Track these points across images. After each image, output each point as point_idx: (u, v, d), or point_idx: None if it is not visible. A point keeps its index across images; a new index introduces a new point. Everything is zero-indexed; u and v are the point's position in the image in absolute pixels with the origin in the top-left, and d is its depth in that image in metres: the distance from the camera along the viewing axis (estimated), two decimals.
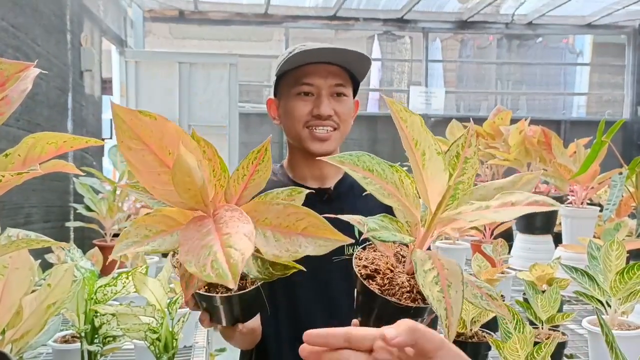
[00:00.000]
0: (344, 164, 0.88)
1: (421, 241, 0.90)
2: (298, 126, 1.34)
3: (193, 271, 0.70)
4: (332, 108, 1.33)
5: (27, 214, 2.64)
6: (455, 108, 8.54)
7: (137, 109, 0.76)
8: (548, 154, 2.89)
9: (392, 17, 6.69)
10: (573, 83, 8.81)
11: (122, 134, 0.75)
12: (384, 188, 0.88)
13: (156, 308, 1.32)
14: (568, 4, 6.03)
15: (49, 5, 2.91)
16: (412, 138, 0.85)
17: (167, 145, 0.77)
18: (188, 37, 9.38)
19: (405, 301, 0.88)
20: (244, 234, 0.73)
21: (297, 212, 0.84)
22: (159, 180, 0.79)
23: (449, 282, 0.81)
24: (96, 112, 4.03)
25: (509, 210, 0.79)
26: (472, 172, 0.88)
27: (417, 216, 0.90)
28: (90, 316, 1.33)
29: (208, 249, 0.71)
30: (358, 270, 0.93)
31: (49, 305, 1.08)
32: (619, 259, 1.43)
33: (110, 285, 1.32)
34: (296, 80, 1.34)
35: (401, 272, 0.93)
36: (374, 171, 0.89)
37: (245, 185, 0.90)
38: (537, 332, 1.71)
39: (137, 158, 0.77)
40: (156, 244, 0.80)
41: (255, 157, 0.89)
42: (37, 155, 0.71)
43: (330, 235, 0.84)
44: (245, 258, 0.69)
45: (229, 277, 0.67)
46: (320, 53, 1.31)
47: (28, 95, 0.72)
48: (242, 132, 5.38)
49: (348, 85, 1.37)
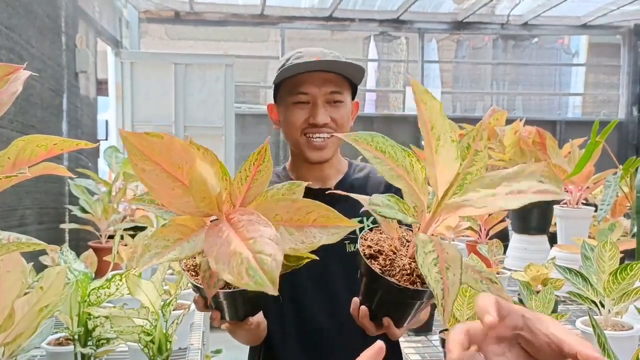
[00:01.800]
0: (358, 142, 0.90)
1: (426, 226, 0.92)
2: (295, 134, 1.37)
3: (229, 279, 0.72)
4: (328, 115, 1.36)
5: (21, 215, 2.64)
6: (451, 108, 8.55)
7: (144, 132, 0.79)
8: (543, 155, 2.89)
9: (388, 18, 6.69)
10: (568, 83, 8.83)
11: (134, 157, 0.79)
12: (394, 170, 0.90)
13: (150, 310, 1.32)
14: (563, 4, 6.04)
15: (43, 7, 2.90)
16: (429, 121, 0.87)
17: (176, 161, 0.81)
18: (184, 38, 9.36)
19: (404, 283, 0.90)
20: (269, 238, 0.75)
21: (306, 206, 0.88)
22: (173, 195, 0.83)
23: (447, 265, 0.83)
24: (91, 113, 4.02)
25: (516, 198, 0.80)
26: (481, 164, 0.90)
27: (424, 201, 0.92)
28: (83, 319, 1.32)
29: (238, 256, 0.74)
30: (362, 250, 0.96)
31: (42, 308, 1.08)
32: (613, 260, 1.43)
33: (104, 288, 1.32)
34: (292, 88, 1.36)
35: (404, 255, 0.96)
36: (386, 152, 0.90)
37: (248, 186, 0.92)
38: None
39: (151, 178, 0.81)
40: (176, 252, 0.84)
41: (256, 159, 0.91)
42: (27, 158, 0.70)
43: (340, 223, 0.88)
44: (278, 264, 0.71)
45: (267, 284, 0.69)
46: (317, 65, 1.33)
47: (22, 97, 0.72)
48: (238, 133, 5.37)
49: (344, 90, 1.38)
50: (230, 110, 5.30)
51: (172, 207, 0.88)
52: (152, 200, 0.96)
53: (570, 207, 2.81)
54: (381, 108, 8.65)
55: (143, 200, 0.95)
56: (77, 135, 3.54)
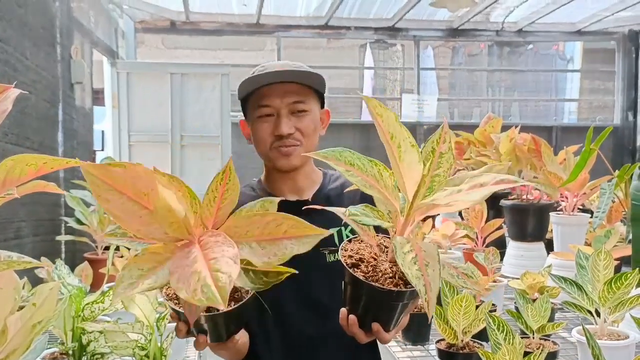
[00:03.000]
0: (327, 158, 0.95)
1: (401, 229, 0.97)
2: (264, 148, 1.38)
3: (184, 296, 0.75)
4: (292, 126, 1.36)
5: (16, 228, 2.63)
6: (448, 115, 8.57)
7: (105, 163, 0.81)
8: (538, 162, 2.90)
9: (384, 26, 6.71)
10: (564, 89, 8.86)
11: (97, 188, 0.80)
12: (365, 180, 0.95)
13: (144, 324, 1.31)
14: (557, 11, 6.07)
15: (37, 18, 2.91)
16: (388, 132, 0.93)
17: (140, 189, 0.82)
18: (180, 47, 9.39)
19: (388, 286, 0.95)
20: (229, 258, 0.78)
21: (275, 219, 0.90)
22: (141, 222, 0.84)
23: (426, 262, 0.88)
24: (87, 123, 4.02)
25: (478, 191, 0.86)
26: (447, 165, 0.95)
27: (397, 206, 0.97)
28: (77, 334, 1.32)
29: (197, 275, 0.76)
30: (344, 260, 1.00)
31: (35, 324, 1.07)
32: (607, 269, 1.43)
33: (98, 302, 1.32)
34: (256, 103, 1.38)
35: (384, 260, 1.01)
36: (355, 165, 0.96)
37: (218, 206, 0.94)
38: (528, 342, 1.71)
39: (117, 207, 0.82)
40: (151, 281, 0.84)
41: (221, 178, 0.93)
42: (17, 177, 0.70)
43: (310, 232, 0.90)
44: (232, 280, 0.74)
45: (218, 299, 0.72)
46: (274, 75, 1.34)
47: (17, 109, 0.72)
48: (234, 142, 5.37)
49: (309, 99, 1.39)
50: (227, 119, 5.31)
51: (141, 235, 0.89)
52: (124, 233, 0.96)
53: (566, 214, 2.81)
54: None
55: (115, 235, 0.96)
56: (73, 146, 3.54)
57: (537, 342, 1.72)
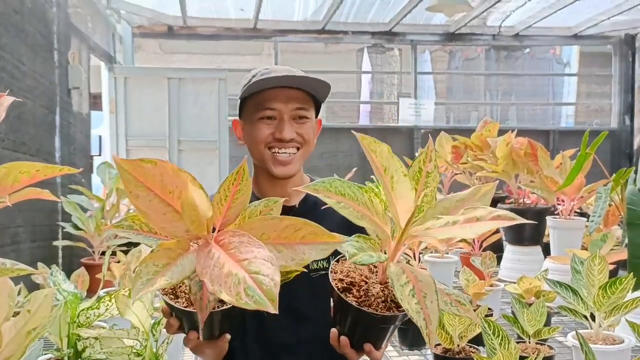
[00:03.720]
0: (318, 191, 0.95)
1: (393, 254, 0.97)
2: (260, 148, 1.38)
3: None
4: (294, 131, 1.37)
5: (13, 234, 2.63)
6: (445, 119, 8.58)
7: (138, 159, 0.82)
8: (535, 166, 2.90)
9: (381, 30, 6.72)
10: (561, 93, 8.88)
11: (129, 184, 0.82)
12: (357, 210, 0.96)
13: (140, 330, 1.31)
14: (554, 15, 6.08)
15: (34, 25, 2.91)
16: (381, 165, 0.94)
17: (167, 185, 0.84)
18: (178, 52, 9.40)
19: (381, 311, 0.96)
20: (264, 259, 0.79)
21: (293, 224, 0.92)
22: (165, 220, 0.86)
23: (424, 293, 0.88)
24: (84, 128, 4.02)
25: (475, 226, 0.86)
26: (433, 184, 0.98)
27: (388, 231, 0.98)
28: (73, 340, 1.31)
29: (234, 277, 0.77)
30: (335, 284, 1.01)
31: (29, 331, 1.07)
32: (602, 274, 1.44)
33: (93, 309, 1.31)
34: (259, 104, 1.37)
35: (375, 283, 1.01)
36: (346, 195, 0.96)
37: (228, 206, 0.94)
38: (524, 346, 1.71)
39: (144, 204, 0.84)
40: (167, 277, 0.85)
41: (234, 178, 0.93)
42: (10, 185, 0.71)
43: (328, 239, 0.91)
44: (277, 283, 0.76)
45: (267, 303, 0.74)
46: (280, 80, 1.34)
47: (13, 115, 0.73)
48: (232, 146, 5.37)
49: (310, 107, 1.41)
50: (224, 124, 5.31)
51: (163, 232, 0.91)
52: (130, 225, 0.97)
53: (562, 218, 2.82)
54: (375, 120, 8.68)
55: (121, 227, 0.96)
56: (70, 152, 3.54)
57: (533, 347, 1.72)
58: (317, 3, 6.06)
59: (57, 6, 3.32)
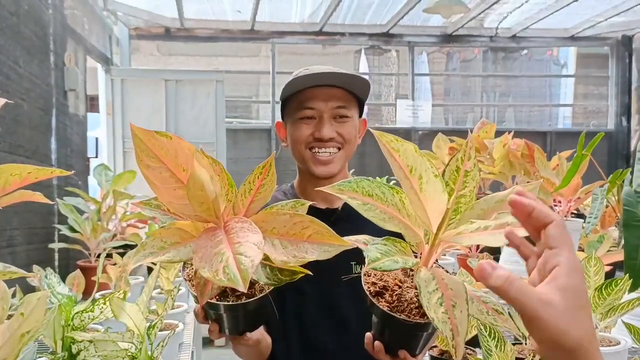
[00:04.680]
0: (343, 192, 0.89)
1: (426, 259, 0.91)
2: (301, 148, 1.37)
3: (207, 276, 0.76)
4: (334, 130, 1.36)
5: (9, 236, 2.62)
6: (442, 121, 8.59)
7: (153, 130, 0.82)
8: (532, 167, 2.90)
9: (378, 32, 6.73)
10: (558, 94, 8.89)
11: (140, 153, 0.82)
12: (385, 212, 0.89)
13: (135, 333, 1.31)
14: (551, 16, 6.10)
15: (30, 27, 2.91)
16: (407, 165, 0.86)
17: (181, 163, 0.83)
18: (175, 54, 9.39)
19: (414, 317, 0.90)
20: (253, 243, 0.79)
21: (302, 221, 0.90)
22: (174, 195, 0.86)
23: (453, 302, 0.82)
24: (81, 131, 4.01)
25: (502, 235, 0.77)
26: (472, 184, 0.89)
27: (421, 235, 0.91)
28: (67, 343, 1.31)
29: (220, 256, 0.78)
30: (367, 287, 0.96)
31: (23, 334, 1.06)
32: (597, 275, 1.44)
33: (87, 311, 1.31)
34: (299, 104, 1.36)
35: (409, 287, 0.96)
36: (374, 195, 0.90)
37: (252, 199, 0.95)
38: (520, 347, 1.71)
39: (154, 175, 0.83)
40: (171, 255, 0.86)
41: (260, 172, 0.94)
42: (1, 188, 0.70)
43: (334, 241, 0.89)
44: (254, 264, 0.75)
45: (239, 281, 0.73)
46: (321, 77, 1.33)
47: (10, 117, 0.72)
48: (229, 148, 5.37)
49: (351, 106, 1.39)
50: (222, 126, 5.31)
51: (172, 208, 0.91)
52: (158, 205, 0.97)
53: None
54: (373, 121, 8.68)
55: (150, 205, 0.97)
56: (67, 154, 3.53)
57: (531, 348, 1.71)
58: (314, 5, 6.06)
59: (54, 8, 3.32)
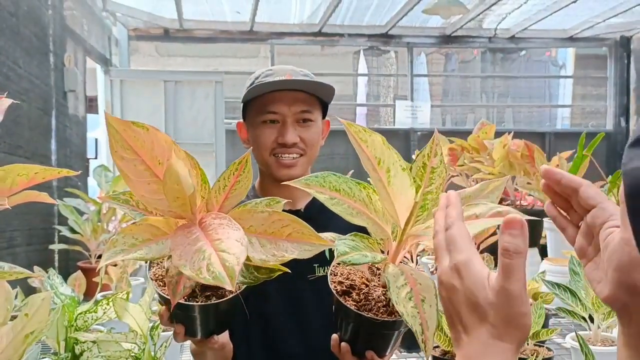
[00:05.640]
0: (309, 186, 0.89)
1: (394, 255, 0.91)
2: (265, 154, 1.35)
3: (188, 274, 0.74)
4: (297, 135, 1.34)
5: (9, 237, 2.61)
6: (441, 122, 8.59)
7: (130, 120, 0.79)
8: (531, 168, 2.91)
9: (377, 33, 6.73)
10: (557, 95, 8.90)
11: (115, 143, 0.79)
12: (352, 207, 0.89)
13: (138, 334, 1.31)
14: (549, 17, 6.10)
15: (30, 27, 2.90)
16: (375, 157, 0.86)
17: (157, 156, 0.81)
18: (174, 55, 9.38)
19: (382, 315, 0.90)
20: (236, 240, 0.77)
21: (281, 219, 0.88)
22: (148, 189, 0.83)
23: (422, 297, 0.82)
24: (80, 131, 4.01)
25: (473, 224, 0.79)
26: (439, 181, 0.88)
27: (388, 231, 0.91)
28: (70, 343, 1.31)
29: (201, 253, 0.76)
30: (334, 286, 0.95)
31: (27, 335, 1.06)
32: None
33: (91, 312, 1.31)
34: (262, 107, 1.34)
35: (377, 286, 0.95)
36: (341, 190, 0.90)
37: (226, 196, 0.92)
38: (522, 348, 1.71)
39: (129, 167, 0.81)
40: (143, 252, 0.83)
41: (236, 169, 0.92)
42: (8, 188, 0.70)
43: (315, 241, 0.88)
44: (240, 262, 0.73)
45: (225, 279, 0.71)
46: (282, 84, 1.31)
47: (9, 118, 0.72)
48: (228, 149, 5.36)
49: (314, 109, 1.37)
50: (221, 127, 5.30)
51: (145, 202, 0.88)
52: (127, 200, 0.94)
53: None
54: (372, 122, 8.68)
55: (118, 200, 0.94)
56: (66, 154, 3.52)
57: (532, 348, 1.72)
58: (313, 6, 6.06)
59: (53, 9, 3.32)
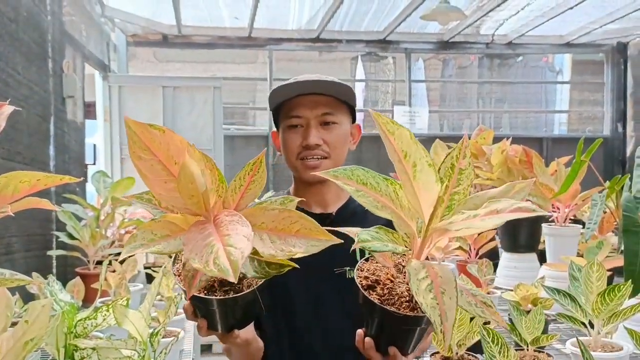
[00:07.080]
0: (337, 178, 0.91)
1: (418, 251, 0.92)
2: (292, 158, 1.40)
3: (197, 266, 0.78)
4: (320, 137, 1.37)
5: (7, 243, 2.61)
6: (439, 127, 8.61)
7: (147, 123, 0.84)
8: (530, 173, 2.91)
9: (375, 39, 6.75)
10: (554, 101, 8.93)
11: (133, 144, 0.84)
12: (378, 200, 0.91)
13: (137, 340, 1.30)
14: (546, 23, 6.13)
15: (29, 33, 2.91)
16: (401, 150, 0.87)
17: (173, 156, 0.85)
18: (172, 61, 9.39)
19: (404, 310, 0.91)
20: (243, 235, 0.81)
21: (290, 216, 0.92)
22: (165, 188, 0.87)
23: (442, 289, 0.82)
24: (79, 137, 4.00)
25: (494, 218, 0.81)
26: (467, 182, 0.89)
27: (413, 227, 0.92)
28: (70, 350, 1.30)
29: (210, 248, 0.79)
30: (359, 281, 0.97)
31: (27, 342, 1.06)
32: (600, 280, 1.44)
33: (91, 319, 1.30)
34: (286, 113, 1.39)
35: (401, 282, 0.96)
36: (368, 184, 0.91)
37: (242, 195, 0.96)
38: (522, 354, 1.71)
39: (146, 167, 0.85)
40: (161, 247, 0.88)
41: (251, 169, 0.95)
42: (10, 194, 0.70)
43: (321, 236, 0.90)
44: (244, 256, 0.77)
45: (229, 271, 0.74)
46: (302, 86, 1.35)
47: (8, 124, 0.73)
48: (227, 155, 5.37)
49: (339, 112, 1.40)
50: (219, 132, 5.31)
51: (163, 200, 0.93)
52: (149, 199, 0.99)
53: (558, 225, 2.83)
54: (370, 128, 8.68)
55: (141, 199, 0.98)
56: (65, 160, 3.52)
57: (532, 354, 1.71)
58: (311, 12, 6.08)
59: (52, 15, 3.32)
